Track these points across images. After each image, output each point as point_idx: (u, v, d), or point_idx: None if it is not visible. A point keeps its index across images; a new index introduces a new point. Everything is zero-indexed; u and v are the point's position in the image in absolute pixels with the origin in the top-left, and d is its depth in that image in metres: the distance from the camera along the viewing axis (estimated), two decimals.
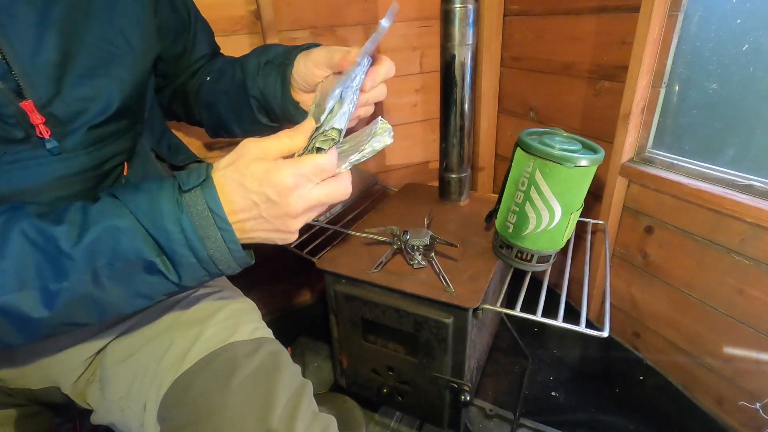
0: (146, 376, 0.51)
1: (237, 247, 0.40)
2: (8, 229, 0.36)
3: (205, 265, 0.40)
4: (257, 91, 0.59)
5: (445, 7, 0.82)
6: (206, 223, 0.38)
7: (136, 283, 0.39)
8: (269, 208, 0.39)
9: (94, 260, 0.37)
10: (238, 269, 0.43)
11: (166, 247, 0.38)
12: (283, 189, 0.38)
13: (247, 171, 0.38)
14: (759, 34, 0.73)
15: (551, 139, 0.69)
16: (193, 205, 0.38)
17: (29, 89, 0.42)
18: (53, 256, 0.36)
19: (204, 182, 0.39)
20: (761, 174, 0.77)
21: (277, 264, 1.25)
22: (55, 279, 0.36)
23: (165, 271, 0.39)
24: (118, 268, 0.37)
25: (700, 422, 0.92)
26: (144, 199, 0.38)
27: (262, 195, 0.39)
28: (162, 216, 0.38)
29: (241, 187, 0.39)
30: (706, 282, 0.86)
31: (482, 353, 0.99)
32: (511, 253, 0.76)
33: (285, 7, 1.00)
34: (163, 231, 0.38)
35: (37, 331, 0.39)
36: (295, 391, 0.49)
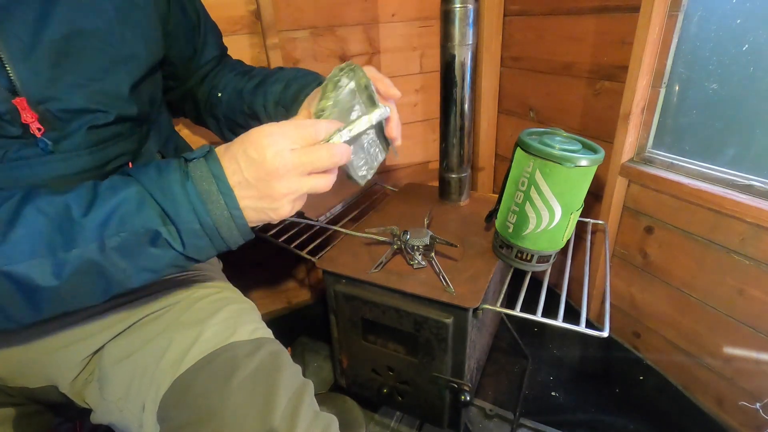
0: (145, 376, 0.51)
1: (239, 213, 0.41)
2: (23, 203, 0.37)
3: (208, 231, 0.41)
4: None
5: (445, 7, 0.82)
6: (210, 188, 0.39)
7: (143, 256, 0.40)
8: (250, 167, 0.40)
9: (102, 230, 0.38)
10: (240, 240, 0.43)
11: (172, 213, 0.39)
12: (259, 145, 0.39)
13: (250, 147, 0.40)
14: (759, 34, 0.73)
15: (551, 139, 0.69)
16: (197, 172, 0.40)
17: (22, 86, 0.42)
18: (64, 224, 0.37)
19: (208, 153, 0.41)
20: (761, 174, 0.77)
21: (277, 264, 1.25)
22: (64, 247, 0.37)
23: (170, 239, 0.40)
24: (125, 238, 0.38)
25: (700, 422, 0.92)
26: (152, 169, 0.40)
27: (242, 154, 0.40)
28: (169, 183, 0.39)
29: (228, 150, 0.40)
30: (706, 282, 0.86)
31: (482, 353, 0.99)
32: (511, 253, 0.76)
33: (285, 7, 1.00)
34: (170, 196, 0.39)
35: (44, 304, 0.40)
36: (296, 390, 0.49)
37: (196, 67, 0.69)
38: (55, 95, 0.44)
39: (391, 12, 1.12)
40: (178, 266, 0.43)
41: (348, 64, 0.50)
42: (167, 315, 0.56)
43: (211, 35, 0.69)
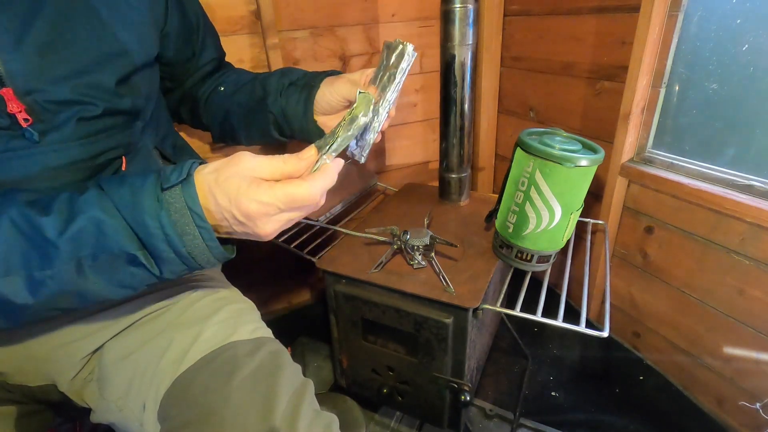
0: (145, 375, 0.51)
1: (215, 245, 0.41)
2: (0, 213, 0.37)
3: (184, 260, 0.41)
4: (278, 109, 0.63)
5: (445, 7, 0.82)
6: (185, 220, 0.39)
7: (119, 274, 0.40)
8: (237, 225, 0.41)
9: (78, 250, 0.38)
10: (217, 264, 0.44)
11: (146, 241, 0.39)
12: (249, 214, 0.40)
13: (224, 184, 0.39)
14: (759, 34, 0.73)
15: (551, 139, 0.69)
16: (172, 203, 0.39)
17: (8, 77, 0.42)
18: (39, 244, 0.37)
19: (184, 181, 0.39)
20: (761, 174, 0.77)
21: (277, 264, 1.25)
22: (39, 267, 0.37)
23: (146, 264, 0.40)
24: (102, 259, 0.38)
25: (700, 422, 0.92)
26: (127, 192, 0.39)
27: (230, 213, 0.40)
28: (143, 211, 0.38)
29: (214, 198, 0.40)
30: (706, 282, 0.86)
31: (482, 353, 0.99)
32: (511, 253, 0.76)
33: (285, 7, 1.00)
34: (143, 226, 0.38)
35: (19, 317, 0.40)
36: (297, 389, 0.49)
37: (194, 68, 0.69)
38: (42, 87, 0.44)
39: (391, 12, 1.12)
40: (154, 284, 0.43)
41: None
42: (167, 314, 0.56)
43: (209, 38, 0.70)
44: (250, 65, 1.01)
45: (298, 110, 0.61)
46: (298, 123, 0.63)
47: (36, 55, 0.44)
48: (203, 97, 0.70)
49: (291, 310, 1.33)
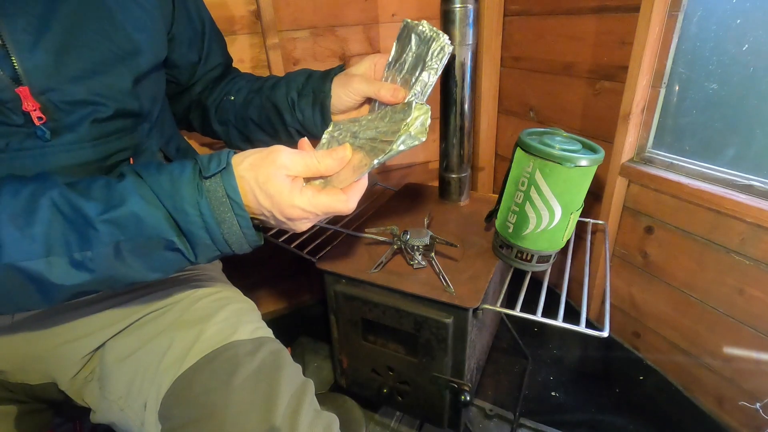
0: (146, 375, 0.51)
1: (251, 232, 0.43)
2: (38, 197, 0.38)
3: (219, 246, 0.43)
4: (297, 124, 0.64)
5: (445, 7, 0.82)
6: (224, 208, 0.41)
7: (155, 259, 0.41)
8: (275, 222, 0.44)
9: (117, 234, 0.39)
10: (249, 250, 0.45)
11: (185, 228, 0.40)
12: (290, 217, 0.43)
13: (265, 186, 0.41)
14: (759, 34, 0.73)
15: (551, 139, 0.69)
16: (212, 191, 0.40)
17: (25, 76, 0.43)
18: (79, 225, 0.38)
19: (224, 170, 0.41)
20: (761, 174, 0.77)
21: (277, 264, 1.25)
22: (80, 248, 0.38)
23: (183, 249, 0.41)
24: (140, 244, 0.40)
25: (700, 422, 0.92)
26: (166, 180, 0.40)
27: (270, 213, 0.42)
28: (182, 199, 0.40)
29: (254, 197, 0.42)
30: (706, 282, 0.86)
31: (482, 353, 0.99)
32: (511, 253, 0.76)
33: (285, 7, 1.00)
34: (183, 213, 0.40)
35: (57, 296, 0.40)
36: (297, 389, 0.49)
37: (201, 74, 0.70)
38: (57, 86, 0.45)
39: (391, 12, 1.12)
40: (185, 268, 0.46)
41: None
42: (168, 314, 0.56)
43: (216, 44, 0.70)
44: (250, 65, 1.01)
45: (316, 121, 0.62)
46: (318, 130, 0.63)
47: (52, 55, 0.45)
48: (213, 105, 0.70)
49: (291, 310, 1.33)
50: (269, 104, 0.65)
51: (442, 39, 0.51)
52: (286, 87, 0.64)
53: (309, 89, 0.62)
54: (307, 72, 0.65)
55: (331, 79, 0.60)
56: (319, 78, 0.62)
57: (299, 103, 0.63)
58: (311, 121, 0.63)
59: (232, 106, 0.68)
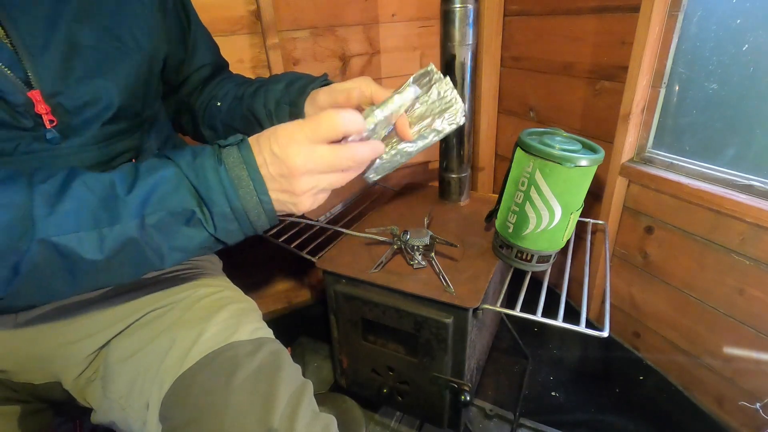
0: (148, 375, 0.51)
1: (267, 199, 0.42)
2: (71, 179, 0.39)
3: (238, 215, 0.42)
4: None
5: (445, 7, 0.82)
6: (240, 172, 0.41)
7: (177, 235, 0.42)
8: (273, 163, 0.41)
9: (143, 207, 0.39)
10: (266, 225, 0.45)
11: (205, 195, 0.41)
12: (293, 168, 0.41)
13: (276, 133, 0.41)
14: (759, 34, 0.73)
15: (551, 139, 0.69)
16: (229, 158, 0.41)
17: (36, 79, 0.44)
18: (109, 200, 0.39)
19: (241, 141, 0.42)
20: (761, 174, 0.77)
21: (277, 264, 1.25)
22: (108, 222, 0.39)
23: (203, 220, 0.41)
24: (163, 217, 0.40)
25: (700, 422, 0.92)
26: (188, 154, 0.42)
27: (267, 149, 0.41)
28: (204, 168, 0.41)
29: (257, 142, 0.42)
30: (706, 282, 0.86)
31: (482, 353, 0.99)
32: (511, 253, 0.76)
33: (285, 7, 1.00)
34: (204, 180, 0.41)
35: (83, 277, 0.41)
36: (296, 390, 0.49)
37: (187, 72, 0.68)
38: (67, 88, 0.46)
39: (391, 12, 1.12)
40: (207, 248, 0.44)
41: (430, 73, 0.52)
42: (170, 313, 0.56)
43: (202, 42, 0.68)
44: (250, 65, 1.01)
45: None
46: None
47: (61, 57, 0.45)
48: (201, 108, 0.69)
49: (291, 310, 1.33)
50: (249, 113, 0.63)
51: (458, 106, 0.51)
52: (264, 97, 0.62)
53: (286, 100, 0.60)
54: (289, 78, 0.62)
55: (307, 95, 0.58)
56: (297, 91, 0.60)
57: (276, 113, 0.61)
58: None
59: (218, 113, 0.67)
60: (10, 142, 0.45)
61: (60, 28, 0.45)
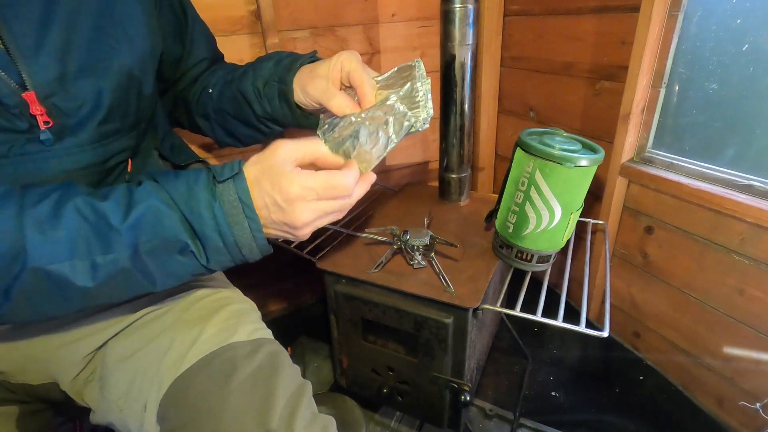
0: (146, 376, 0.51)
1: (261, 236, 0.44)
2: (63, 204, 0.39)
3: (230, 249, 0.43)
4: (267, 114, 0.62)
5: (445, 7, 0.82)
6: (236, 212, 0.42)
7: (170, 263, 0.42)
8: (276, 212, 0.43)
9: (137, 236, 0.40)
10: (259, 256, 0.46)
11: (199, 231, 0.42)
12: (288, 197, 0.42)
13: (269, 172, 0.42)
14: (759, 34, 0.73)
15: (551, 139, 0.69)
16: (225, 195, 0.42)
17: (31, 81, 0.44)
18: (102, 230, 0.39)
19: (236, 175, 0.42)
20: (761, 174, 0.77)
21: (277, 264, 1.25)
22: (102, 251, 0.39)
23: (196, 252, 0.42)
24: (157, 246, 0.41)
25: (700, 422, 0.92)
26: (183, 185, 0.42)
27: (271, 198, 0.42)
28: (198, 203, 0.41)
29: (259, 186, 0.42)
30: (706, 282, 0.86)
31: (482, 353, 0.99)
32: (511, 253, 0.76)
33: (285, 7, 1.00)
34: (198, 216, 0.41)
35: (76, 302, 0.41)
36: (295, 391, 0.49)
37: (185, 68, 0.68)
38: (61, 89, 0.45)
39: (391, 12, 1.12)
40: (198, 274, 0.45)
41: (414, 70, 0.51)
42: (169, 314, 0.56)
43: (200, 36, 0.68)
44: None
45: (284, 112, 0.60)
46: (289, 122, 0.62)
47: (55, 58, 0.45)
48: (194, 99, 0.68)
49: (291, 310, 1.33)
50: (239, 94, 0.62)
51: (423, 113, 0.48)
52: (252, 75, 0.61)
53: (274, 77, 0.59)
54: (277, 57, 0.61)
55: (296, 71, 0.57)
56: (285, 67, 0.58)
57: (265, 91, 0.60)
58: (279, 112, 0.60)
59: (209, 100, 0.66)
60: (3, 145, 0.44)
61: (53, 29, 0.44)
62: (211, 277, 0.65)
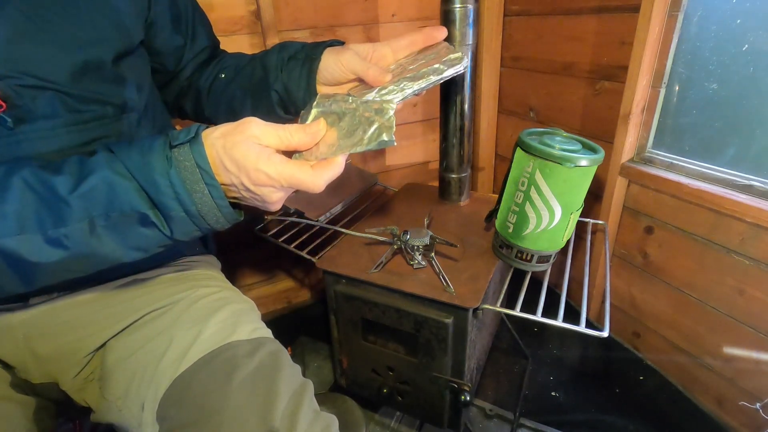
0: (145, 375, 0.51)
1: (224, 203, 0.42)
2: (9, 175, 0.37)
3: (194, 219, 0.41)
4: (280, 85, 0.61)
5: (445, 7, 0.82)
6: (194, 178, 0.40)
7: (131, 235, 0.41)
8: (245, 192, 0.42)
9: (90, 209, 0.38)
10: (227, 225, 0.44)
11: (156, 200, 0.39)
12: (257, 183, 0.41)
13: (231, 151, 0.40)
14: (759, 34, 0.73)
15: (551, 139, 0.69)
16: (181, 160, 0.39)
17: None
18: (51, 202, 0.37)
19: (193, 139, 0.40)
20: (761, 174, 0.77)
21: (277, 264, 1.25)
22: (53, 225, 0.38)
23: (158, 224, 0.40)
24: (114, 218, 0.39)
25: (700, 422, 0.92)
26: (136, 153, 0.40)
27: (238, 180, 0.41)
28: (152, 170, 0.39)
29: (221, 163, 0.40)
30: (706, 282, 0.86)
31: (482, 353, 0.99)
32: (511, 253, 0.76)
33: (285, 7, 1.00)
34: (153, 185, 0.39)
35: (35, 278, 0.40)
36: (297, 390, 0.49)
37: (188, 58, 0.67)
38: (13, 72, 0.44)
39: (391, 12, 1.12)
40: (166, 245, 0.44)
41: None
42: (168, 314, 0.56)
43: (201, 26, 0.68)
44: None
45: (300, 84, 0.59)
46: (300, 97, 0.60)
47: (6, 41, 0.43)
48: (206, 87, 0.68)
49: (291, 310, 1.33)
50: (260, 66, 0.62)
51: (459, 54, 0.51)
52: (279, 50, 0.62)
53: (302, 53, 0.60)
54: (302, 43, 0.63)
55: (325, 47, 0.58)
56: (314, 45, 0.60)
57: (288, 63, 0.60)
58: (296, 83, 0.59)
59: (222, 85, 0.66)
60: None
61: (8, 11, 0.43)
62: (211, 277, 0.65)
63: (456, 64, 0.52)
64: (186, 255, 0.67)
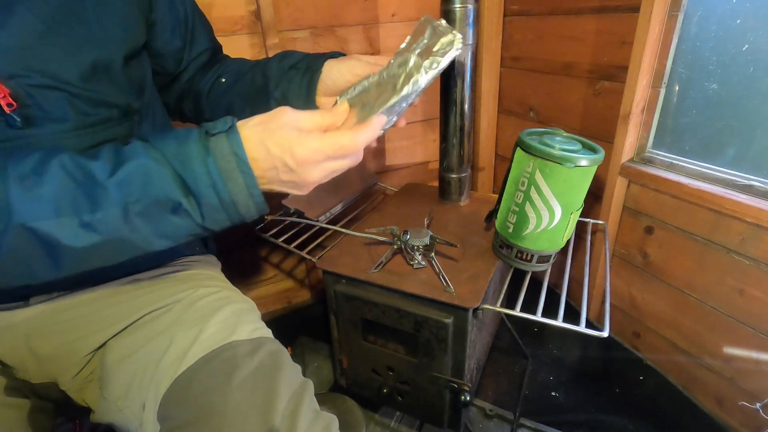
0: (145, 375, 0.51)
1: (257, 192, 0.43)
2: (48, 160, 0.38)
3: (227, 207, 0.42)
4: (280, 94, 0.62)
5: (445, 7, 0.82)
6: (230, 166, 0.41)
7: (163, 223, 0.41)
8: (287, 173, 0.43)
9: (126, 195, 0.39)
10: (256, 215, 0.45)
11: (193, 187, 0.40)
12: (302, 160, 0.42)
13: (275, 135, 0.42)
14: (759, 34, 0.73)
15: (551, 139, 0.69)
16: (218, 149, 0.41)
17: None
18: (89, 187, 0.38)
19: (230, 128, 0.42)
20: (761, 174, 0.77)
21: (277, 264, 1.25)
22: (89, 210, 0.38)
23: (191, 211, 0.41)
24: (148, 205, 0.40)
25: (700, 422, 0.92)
26: (173, 142, 0.41)
27: (281, 161, 0.42)
28: (190, 158, 0.40)
29: (264, 147, 0.42)
30: (706, 282, 0.86)
31: (482, 353, 0.99)
32: (511, 253, 0.76)
33: (285, 7, 1.00)
34: (191, 171, 0.40)
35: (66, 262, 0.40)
36: (297, 390, 0.49)
37: (188, 60, 0.68)
38: (25, 71, 0.44)
39: (391, 12, 1.12)
40: (195, 235, 0.44)
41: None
42: (169, 314, 0.56)
43: (201, 28, 0.68)
44: None
45: (300, 93, 0.61)
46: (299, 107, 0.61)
47: (18, 39, 0.44)
48: (206, 89, 0.69)
49: (291, 310, 1.33)
50: (260, 74, 0.64)
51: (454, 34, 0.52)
52: (281, 59, 0.64)
53: (303, 63, 0.62)
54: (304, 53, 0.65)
55: (327, 58, 0.60)
56: (316, 56, 0.62)
57: (288, 72, 0.62)
58: (295, 92, 0.61)
59: (222, 89, 0.67)
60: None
61: (19, 11, 0.43)
62: (212, 277, 0.65)
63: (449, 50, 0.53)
64: (186, 255, 0.67)
